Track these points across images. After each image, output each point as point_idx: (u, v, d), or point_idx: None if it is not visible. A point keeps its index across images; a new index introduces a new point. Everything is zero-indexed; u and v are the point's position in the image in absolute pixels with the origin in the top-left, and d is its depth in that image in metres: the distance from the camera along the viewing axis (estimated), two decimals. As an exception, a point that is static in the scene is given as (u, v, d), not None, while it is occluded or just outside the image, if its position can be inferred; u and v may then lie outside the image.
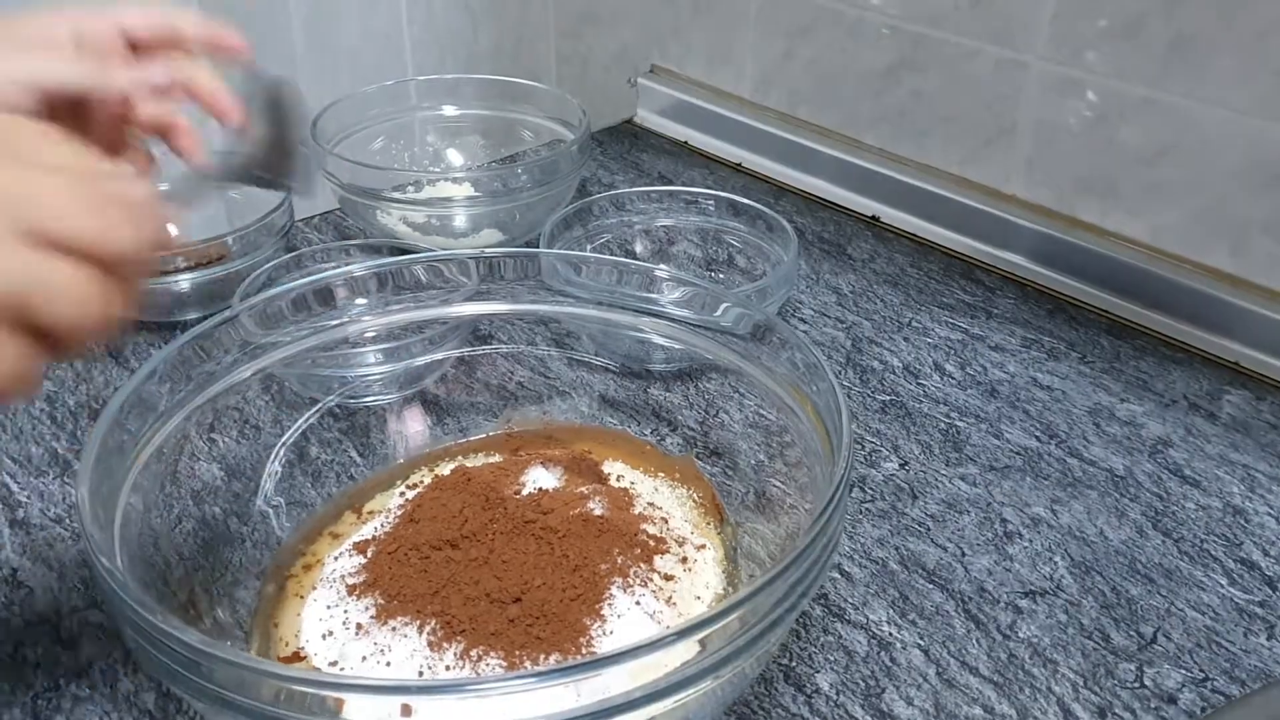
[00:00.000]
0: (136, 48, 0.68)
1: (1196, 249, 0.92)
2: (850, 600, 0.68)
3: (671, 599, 0.61)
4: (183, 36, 0.69)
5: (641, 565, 0.63)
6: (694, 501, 0.71)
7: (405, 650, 0.57)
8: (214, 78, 0.69)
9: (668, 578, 0.62)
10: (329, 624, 0.61)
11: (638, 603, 0.59)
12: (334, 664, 0.58)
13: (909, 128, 1.08)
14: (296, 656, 0.60)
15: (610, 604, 0.59)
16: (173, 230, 0.91)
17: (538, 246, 0.90)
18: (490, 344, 0.82)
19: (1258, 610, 0.67)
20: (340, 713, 0.46)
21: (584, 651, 0.57)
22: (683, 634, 0.46)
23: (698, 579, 0.63)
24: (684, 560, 0.64)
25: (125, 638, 0.50)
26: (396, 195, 0.99)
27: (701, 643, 0.46)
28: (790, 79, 1.17)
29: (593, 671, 0.45)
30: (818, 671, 0.63)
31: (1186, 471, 0.78)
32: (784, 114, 1.18)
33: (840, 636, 0.65)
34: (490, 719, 0.44)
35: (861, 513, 0.74)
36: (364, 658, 0.58)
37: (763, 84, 1.20)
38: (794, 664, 0.63)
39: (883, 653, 0.64)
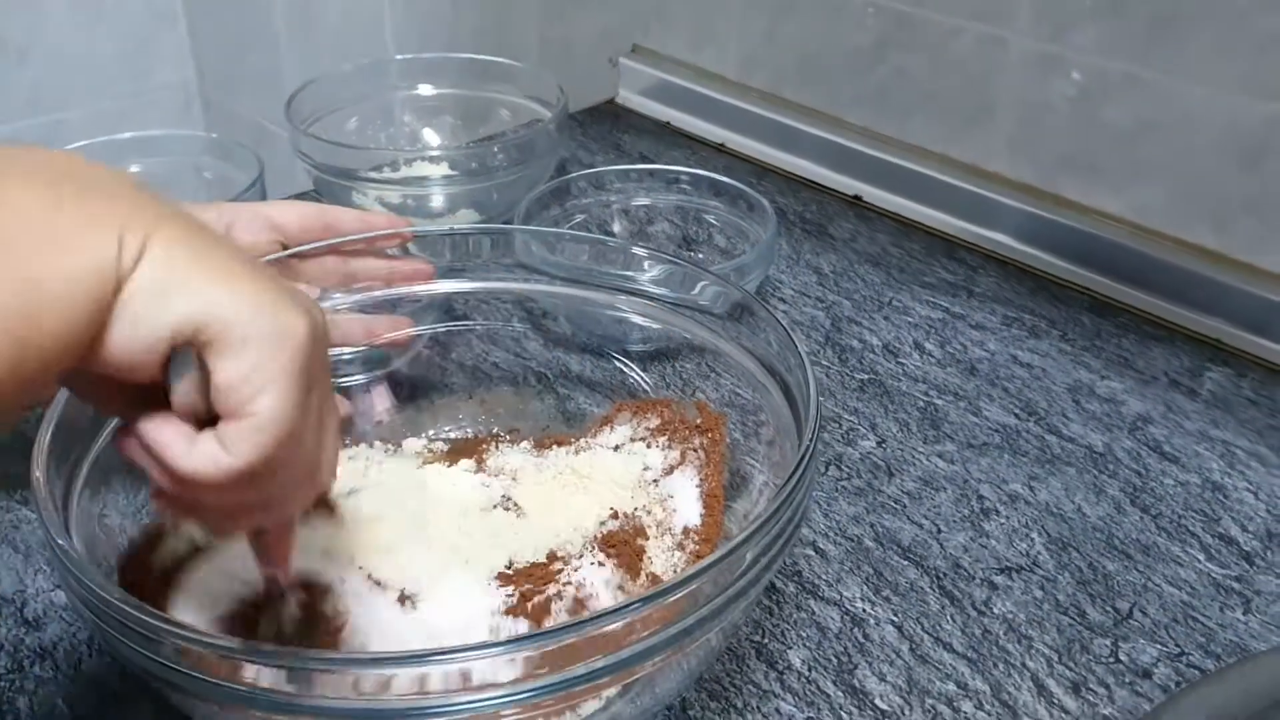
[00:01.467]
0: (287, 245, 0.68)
1: (1179, 226, 0.91)
2: (824, 577, 0.67)
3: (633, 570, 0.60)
4: (337, 229, 0.70)
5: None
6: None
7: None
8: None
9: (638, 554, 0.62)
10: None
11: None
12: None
13: (892, 106, 1.07)
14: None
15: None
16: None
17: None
18: (465, 323, 0.82)
19: (1234, 585, 0.67)
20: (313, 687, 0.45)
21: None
22: (643, 603, 0.45)
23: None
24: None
25: (83, 618, 0.50)
26: (373, 175, 0.99)
27: (663, 613, 0.46)
28: (773, 58, 1.16)
29: (553, 640, 0.44)
30: (790, 648, 0.62)
31: (1166, 448, 0.77)
32: (767, 93, 1.17)
33: (813, 613, 0.64)
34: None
35: (837, 490, 0.74)
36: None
37: (746, 64, 1.19)
38: (766, 640, 0.63)
39: (856, 629, 0.64)
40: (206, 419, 0.41)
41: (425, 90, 1.11)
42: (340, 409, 0.70)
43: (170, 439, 0.41)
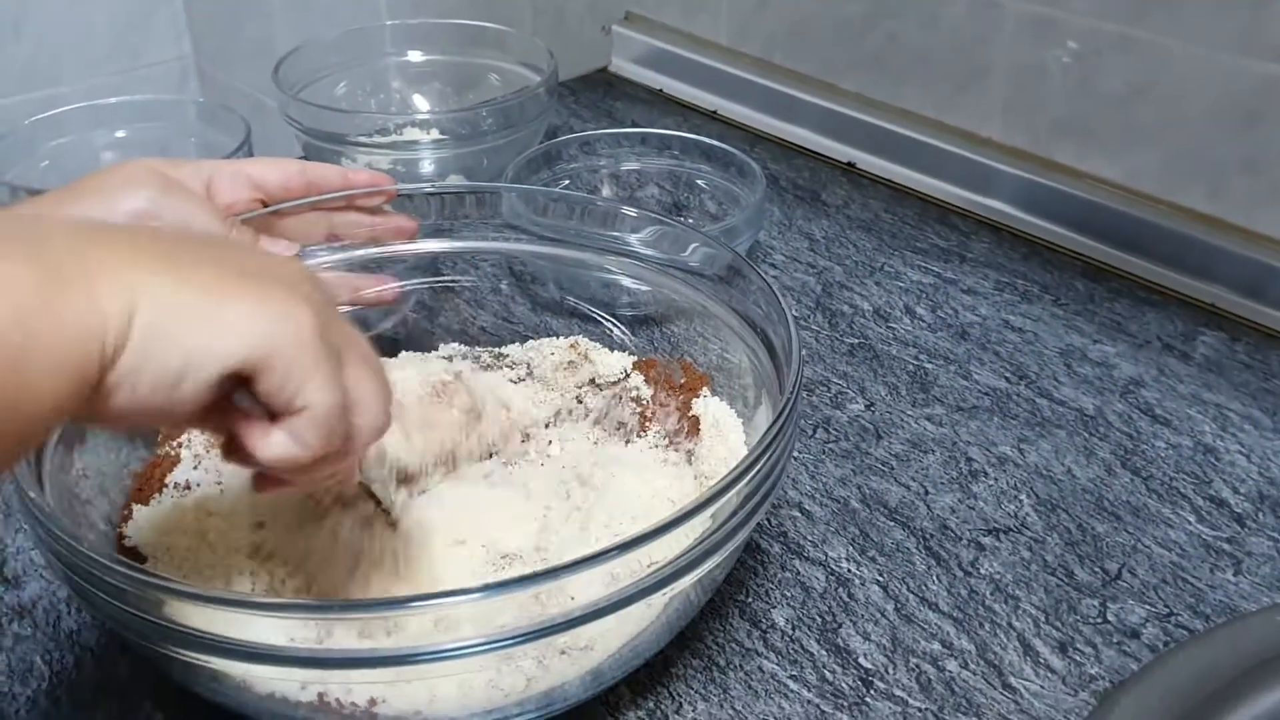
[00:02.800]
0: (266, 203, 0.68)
1: (1173, 190, 0.90)
2: (809, 538, 0.66)
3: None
4: (318, 186, 0.69)
5: None
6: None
7: None
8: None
9: None
10: None
11: None
12: None
13: (886, 72, 1.06)
14: None
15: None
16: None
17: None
18: (451, 279, 0.81)
19: (1225, 546, 0.66)
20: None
21: None
22: (620, 549, 0.45)
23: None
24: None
25: (56, 571, 0.49)
26: (362, 140, 0.98)
27: (636, 561, 0.45)
28: (767, 25, 1.15)
29: (527, 587, 0.44)
30: (774, 607, 0.62)
31: (1158, 411, 0.77)
32: (760, 60, 1.16)
33: (798, 573, 0.64)
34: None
35: (824, 452, 0.73)
36: None
37: (739, 30, 1.18)
38: (749, 599, 0.62)
39: (841, 589, 0.63)
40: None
41: (415, 56, 1.10)
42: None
43: (250, 440, 0.44)
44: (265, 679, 0.49)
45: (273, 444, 0.43)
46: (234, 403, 0.43)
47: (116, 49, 1.42)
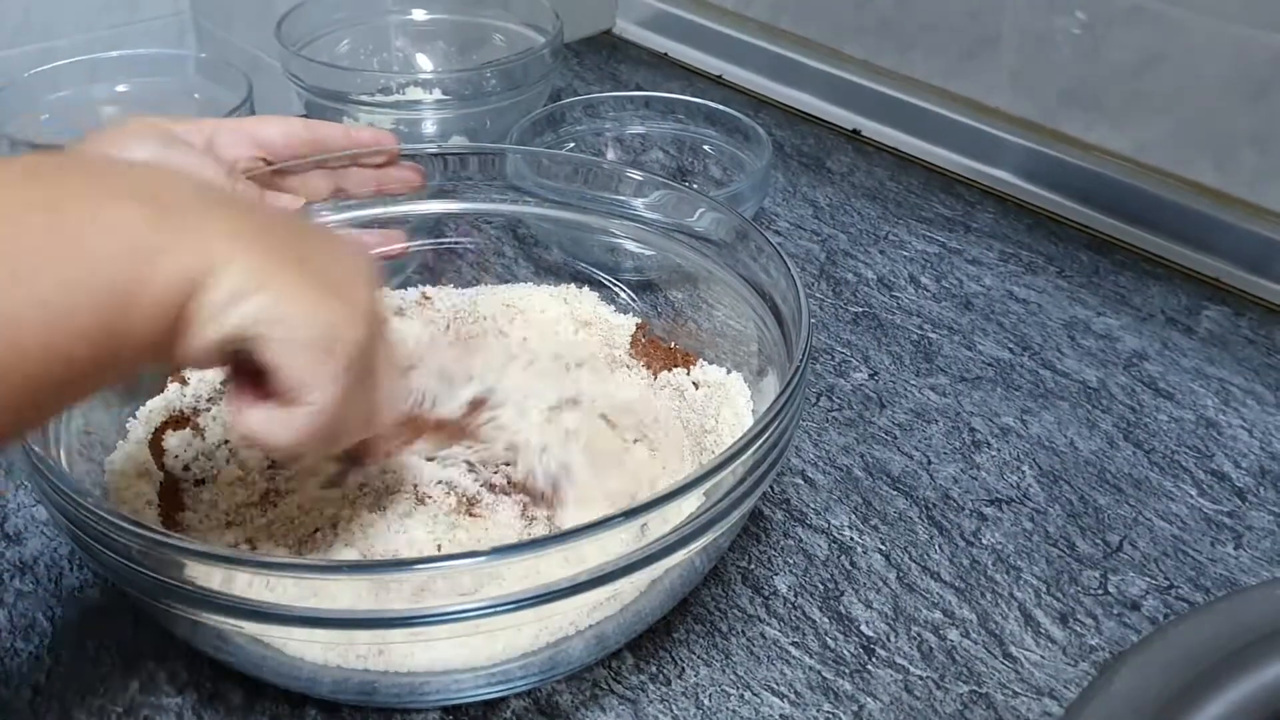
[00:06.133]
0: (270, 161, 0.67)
1: (1180, 163, 0.90)
2: (812, 505, 0.66)
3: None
4: (323, 145, 0.69)
5: None
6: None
7: None
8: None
9: None
10: None
11: None
12: None
13: (892, 38, 1.05)
14: None
15: None
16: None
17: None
18: (455, 240, 0.80)
19: (1226, 520, 0.66)
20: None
21: None
22: (625, 516, 0.45)
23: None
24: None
25: (59, 524, 0.49)
26: (364, 99, 0.97)
27: (642, 529, 0.45)
28: (773, -11, 1.14)
29: (532, 552, 0.44)
30: (776, 574, 0.62)
31: (1161, 384, 0.77)
32: (766, 24, 1.15)
33: (800, 540, 0.64)
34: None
35: (827, 421, 0.73)
36: None
37: (745, -6, 1.17)
38: (752, 566, 0.62)
39: (843, 557, 0.63)
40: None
41: (419, 15, 1.09)
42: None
43: (237, 402, 0.46)
44: (270, 637, 0.49)
45: (253, 416, 0.45)
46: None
47: (113, 3, 1.41)
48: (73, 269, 0.39)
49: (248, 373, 0.45)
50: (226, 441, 0.63)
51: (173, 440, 0.63)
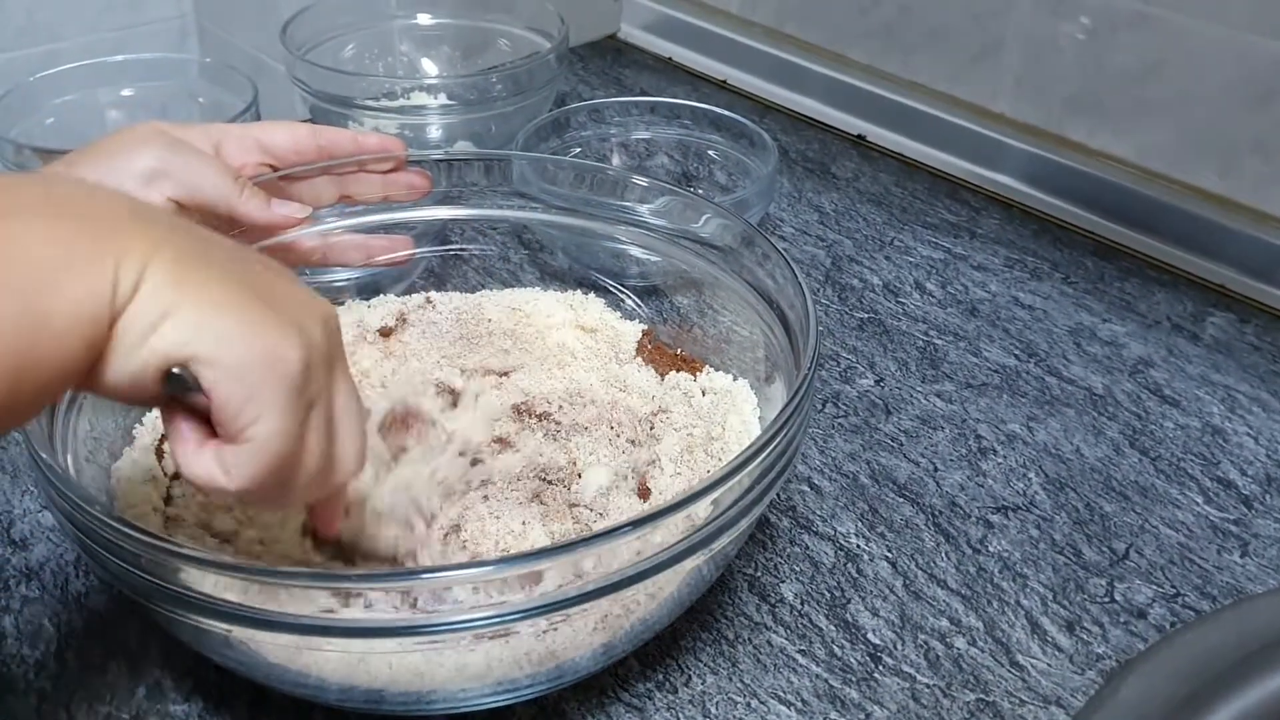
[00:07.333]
0: (276, 167, 0.67)
1: (1184, 169, 0.90)
2: (819, 513, 0.66)
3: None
4: (329, 151, 0.68)
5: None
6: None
7: None
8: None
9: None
10: None
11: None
12: None
13: (896, 43, 1.05)
14: None
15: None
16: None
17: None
18: (460, 247, 0.80)
19: (1232, 528, 0.66)
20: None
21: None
22: (633, 526, 0.45)
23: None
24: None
25: (67, 532, 0.49)
26: (369, 104, 0.97)
27: (645, 540, 0.45)
28: (777, -6, 1.14)
29: (544, 560, 0.44)
30: (783, 581, 0.62)
31: (1166, 391, 0.76)
32: (771, 29, 1.15)
33: (807, 548, 0.64)
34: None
35: (833, 427, 0.73)
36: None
37: (749, -1, 1.17)
38: (759, 574, 0.62)
39: (850, 564, 0.63)
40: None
41: (424, 19, 1.10)
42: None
43: (179, 445, 0.43)
44: (275, 645, 0.48)
45: (201, 464, 0.42)
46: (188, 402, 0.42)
47: (115, 4, 1.41)
48: None
49: (189, 411, 0.42)
50: None
51: None
